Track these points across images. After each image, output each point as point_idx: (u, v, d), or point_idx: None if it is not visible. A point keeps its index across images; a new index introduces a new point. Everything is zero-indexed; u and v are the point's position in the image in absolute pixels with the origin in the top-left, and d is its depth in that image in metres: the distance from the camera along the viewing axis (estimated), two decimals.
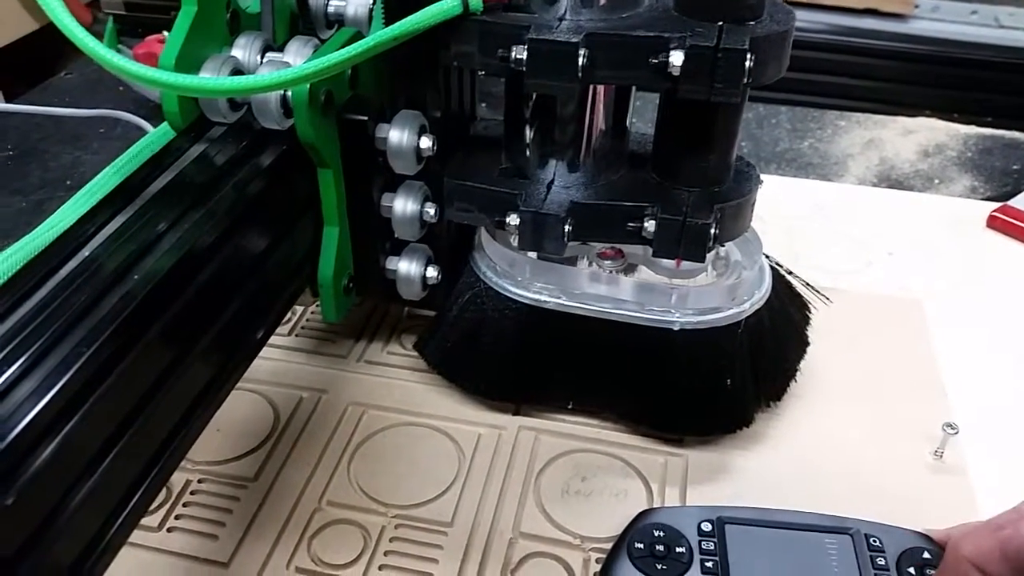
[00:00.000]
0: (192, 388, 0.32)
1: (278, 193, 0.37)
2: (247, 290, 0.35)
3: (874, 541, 0.38)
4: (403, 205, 0.42)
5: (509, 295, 0.43)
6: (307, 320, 0.53)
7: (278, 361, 0.50)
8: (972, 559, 0.32)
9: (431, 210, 0.43)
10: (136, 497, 0.29)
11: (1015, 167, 0.76)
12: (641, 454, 0.45)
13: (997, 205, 0.66)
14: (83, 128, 0.76)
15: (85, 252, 0.30)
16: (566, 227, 0.40)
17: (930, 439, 0.46)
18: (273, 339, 0.51)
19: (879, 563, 0.37)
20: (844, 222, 0.65)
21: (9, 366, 0.26)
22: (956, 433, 0.44)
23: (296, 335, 0.52)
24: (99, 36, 0.68)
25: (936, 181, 0.73)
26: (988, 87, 0.87)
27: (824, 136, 0.79)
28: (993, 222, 0.65)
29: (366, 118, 0.39)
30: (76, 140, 0.74)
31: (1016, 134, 0.80)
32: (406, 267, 0.44)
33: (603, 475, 0.44)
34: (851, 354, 0.51)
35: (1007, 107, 0.84)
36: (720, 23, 0.35)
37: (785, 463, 0.44)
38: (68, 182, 0.70)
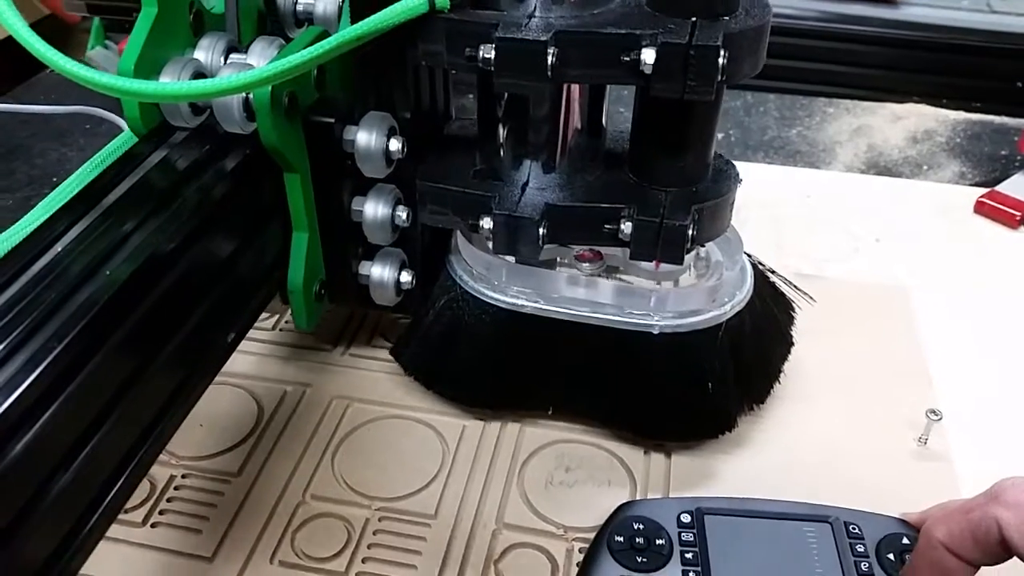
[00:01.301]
0: (164, 388, 0.32)
1: (243, 198, 0.37)
2: (214, 295, 0.35)
3: (853, 528, 0.38)
4: (374, 209, 0.41)
5: (486, 299, 0.42)
6: (291, 315, 0.53)
7: (262, 356, 0.50)
8: (945, 542, 0.32)
9: (403, 214, 0.42)
10: (111, 494, 0.30)
11: (1003, 152, 0.75)
12: (625, 445, 0.45)
13: (984, 191, 0.66)
14: (68, 125, 0.75)
15: (48, 256, 0.30)
16: (541, 230, 0.39)
17: (914, 427, 0.46)
18: (257, 334, 0.51)
19: (859, 550, 0.37)
20: (831, 210, 0.65)
21: None
22: (940, 419, 0.45)
23: (280, 329, 0.52)
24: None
25: (925, 167, 0.73)
26: (978, 72, 0.86)
27: (812, 124, 0.79)
28: (980, 208, 0.65)
29: (332, 120, 0.38)
30: (61, 137, 0.74)
31: (1005, 119, 0.80)
32: (379, 272, 0.43)
33: (587, 466, 0.44)
34: (836, 345, 0.51)
35: (996, 92, 0.83)
36: (693, 19, 0.34)
37: (768, 459, 0.44)
38: (55, 179, 0.70)
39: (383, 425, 0.46)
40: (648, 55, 0.34)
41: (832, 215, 0.64)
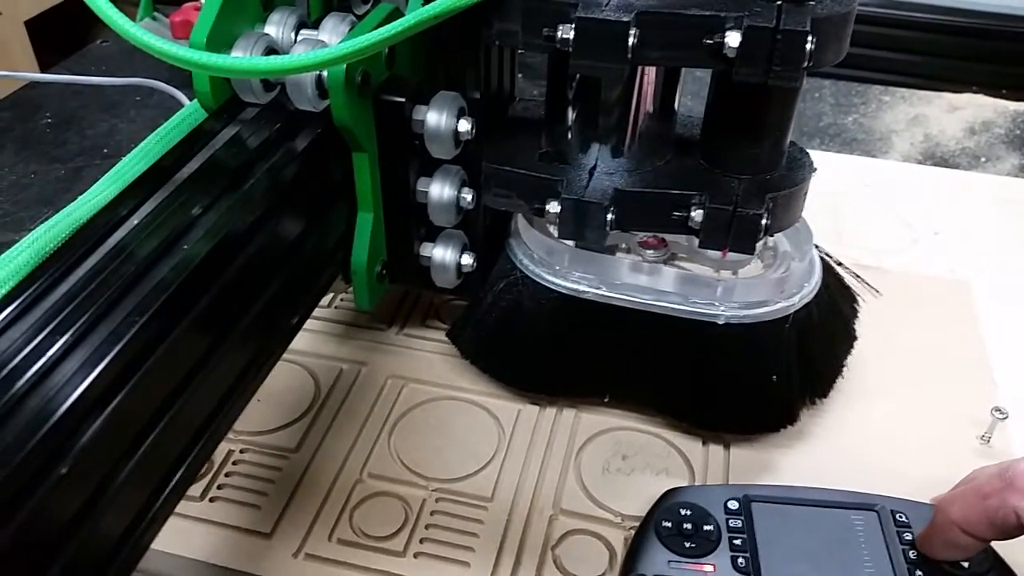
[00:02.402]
0: (234, 366, 0.32)
1: (312, 177, 0.37)
2: (283, 274, 0.35)
3: (900, 516, 0.38)
4: (440, 190, 0.41)
5: (546, 284, 0.42)
6: (347, 292, 0.53)
7: (319, 333, 0.50)
8: (960, 524, 0.33)
9: (468, 196, 0.41)
10: (181, 471, 0.30)
11: None
12: (682, 435, 0.44)
13: None
14: (119, 96, 0.76)
15: (119, 234, 0.30)
16: (609, 216, 0.38)
17: (977, 424, 0.45)
18: (315, 312, 0.51)
19: (906, 538, 0.37)
20: (889, 200, 0.64)
21: (58, 338, 0.26)
22: (1005, 418, 0.44)
23: (336, 307, 0.52)
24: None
25: (983, 159, 0.72)
26: None
27: (868, 111, 0.78)
28: None
29: (403, 100, 0.38)
30: (112, 108, 0.75)
31: None
32: (441, 254, 0.43)
33: (644, 454, 0.44)
34: (897, 339, 0.50)
35: None
36: (779, 2, 0.33)
37: (827, 452, 0.44)
38: (105, 150, 0.70)
39: (438, 406, 0.46)
40: (732, 38, 0.33)
41: (890, 206, 0.63)
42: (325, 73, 0.36)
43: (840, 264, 0.46)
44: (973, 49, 0.87)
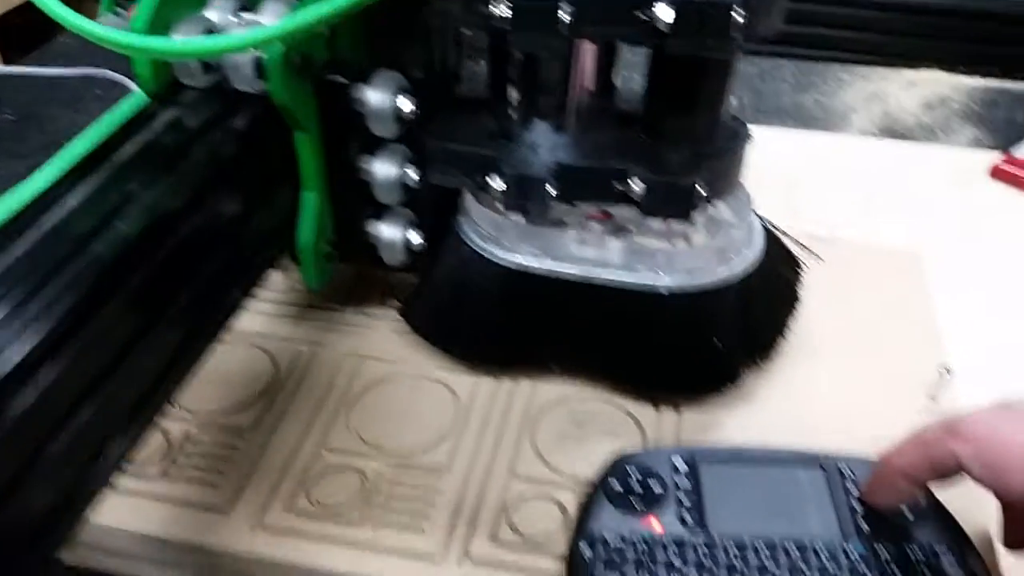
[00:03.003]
0: (170, 343, 0.33)
1: (252, 156, 0.37)
2: (223, 252, 0.35)
3: (845, 471, 0.39)
4: (384, 169, 0.41)
5: (494, 259, 0.42)
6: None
7: (275, 315, 0.51)
8: (903, 470, 0.35)
9: (413, 173, 0.42)
10: (117, 445, 0.30)
11: (1020, 118, 0.75)
12: (636, 403, 0.45)
13: (1001, 154, 0.66)
14: (81, 91, 0.76)
15: (55, 214, 0.30)
16: (550, 188, 0.39)
17: (925, 385, 0.46)
18: (270, 294, 0.52)
19: (850, 491, 0.38)
20: (844, 174, 0.65)
21: None
22: (950, 375, 0.45)
23: (293, 290, 0.52)
24: None
25: (939, 133, 0.73)
26: (995, 38, 0.85)
27: (827, 90, 0.79)
28: (997, 172, 0.65)
29: (344, 79, 0.38)
30: (73, 103, 0.75)
31: (1022, 86, 0.79)
32: (388, 232, 0.44)
33: (598, 421, 0.44)
34: (847, 306, 0.51)
35: (1015, 58, 0.82)
36: None
37: (777, 414, 0.45)
38: (66, 144, 0.70)
39: (397, 382, 0.47)
40: (663, 12, 0.34)
41: (845, 179, 0.64)
42: (264, 53, 0.36)
43: (782, 231, 0.47)
44: (931, 27, 0.88)
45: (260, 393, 0.46)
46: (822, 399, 0.45)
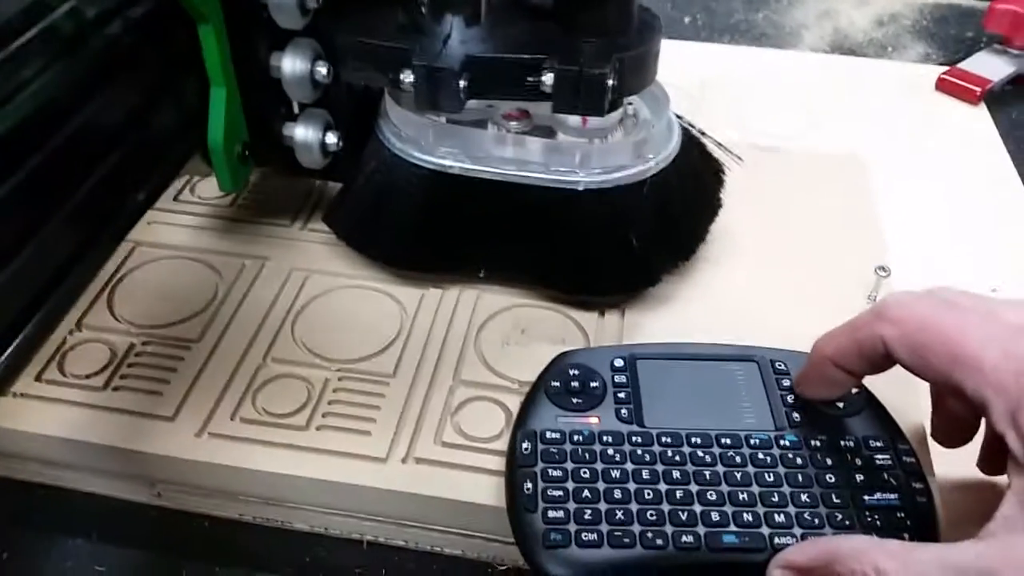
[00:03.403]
0: (70, 240, 0.32)
1: (152, 48, 0.36)
2: (124, 146, 0.34)
3: (779, 365, 0.39)
4: (292, 64, 0.40)
5: (413, 161, 0.42)
6: (248, 192, 0.53)
7: (219, 232, 0.50)
8: (833, 358, 0.35)
9: (323, 69, 0.41)
10: (10, 348, 0.29)
11: (969, 35, 0.75)
12: (579, 310, 0.46)
13: (946, 68, 0.66)
14: None
15: None
16: (461, 82, 0.39)
17: (865, 285, 0.47)
18: (216, 210, 0.51)
19: (784, 385, 0.39)
20: (792, 88, 0.65)
21: None
22: (888, 276, 0.45)
23: (238, 206, 0.52)
24: None
25: (889, 49, 0.73)
26: None
27: (779, 8, 0.79)
28: (942, 84, 0.65)
29: None
30: None
31: (973, 2, 0.79)
32: (303, 133, 0.43)
33: (542, 327, 0.45)
34: (787, 212, 0.51)
35: None
36: None
37: (717, 313, 0.45)
38: None
39: (343, 294, 0.47)
40: None
41: (793, 93, 0.64)
42: None
43: (703, 134, 0.47)
44: None
45: (205, 306, 0.45)
46: (763, 300, 0.46)
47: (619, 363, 0.40)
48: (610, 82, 0.38)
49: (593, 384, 0.39)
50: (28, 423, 0.39)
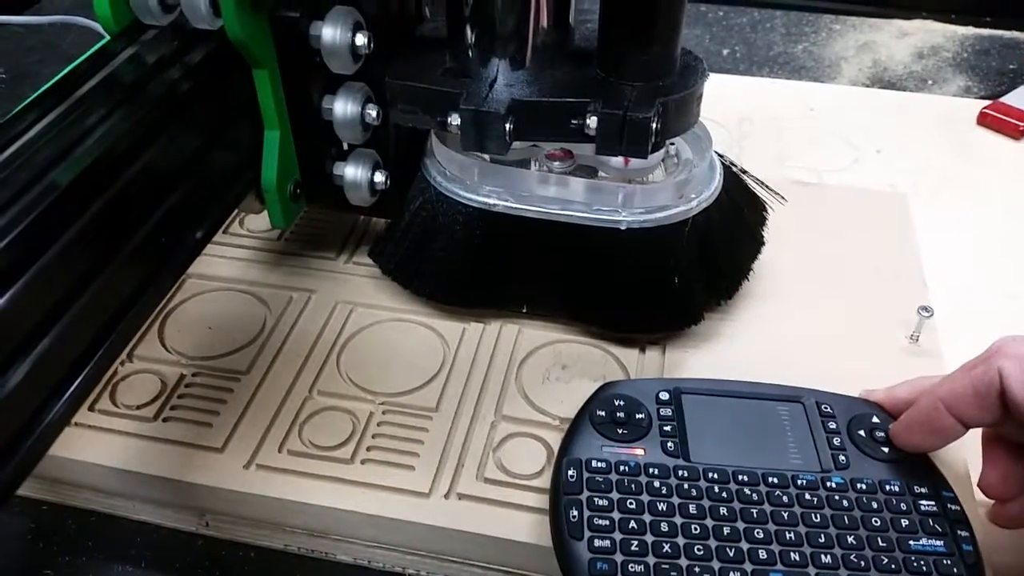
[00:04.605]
0: (130, 280, 0.33)
1: (210, 92, 0.37)
2: (181, 189, 0.35)
3: (825, 408, 0.40)
4: (343, 107, 0.42)
5: (458, 199, 0.43)
6: (295, 226, 0.54)
7: (267, 264, 0.51)
8: (946, 399, 0.34)
9: (373, 112, 0.42)
10: (74, 385, 0.30)
11: (1012, 67, 0.75)
12: (620, 346, 0.46)
13: (988, 102, 0.66)
14: (73, 50, 0.76)
15: (14, 147, 0.31)
16: (507, 125, 0.40)
17: (906, 325, 0.46)
18: (264, 243, 0.52)
19: (830, 427, 0.39)
20: (834, 122, 0.65)
21: None
22: (931, 316, 0.45)
23: (285, 240, 0.53)
24: None
25: (929, 82, 0.73)
26: None
27: (818, 40, 0.79)
28: (984, 119, 0.65)
29: (297, 15, 0.39)
30: (68, 62, 0.75)
31: (1015, 34, 0.79)
32: (353, 172, 0.44)
33: (583, 363, 0.45)
34: (829, 249, 0.51)
35: (1007, 5, 0.82)
36: None
37: (760, 353, 0.45)
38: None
39: (386, 328, 0.47)
40: None
41: (835, 127, 0.64)
42: None
43: (745, 172, 0.47)
44: None
45: (253, 338, 0.47)
46: (805, 340, 0.46)
47: (664, 396, 0.40)
48: (654, 125, 0.38)
49: (639, 416, 0.39)
50: (80, 452, 0.41)
